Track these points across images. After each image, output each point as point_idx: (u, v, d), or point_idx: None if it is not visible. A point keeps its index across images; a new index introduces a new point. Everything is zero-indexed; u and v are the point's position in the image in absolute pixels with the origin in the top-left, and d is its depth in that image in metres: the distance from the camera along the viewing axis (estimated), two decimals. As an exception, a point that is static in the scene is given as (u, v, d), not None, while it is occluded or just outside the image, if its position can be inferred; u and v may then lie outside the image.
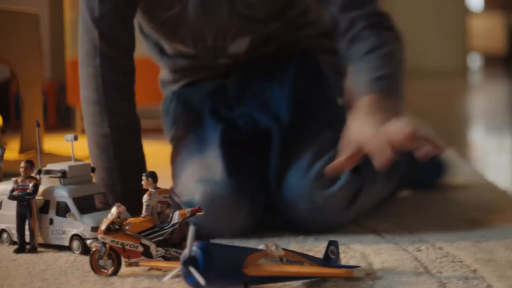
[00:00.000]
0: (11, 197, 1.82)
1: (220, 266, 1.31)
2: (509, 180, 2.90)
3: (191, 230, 1.30)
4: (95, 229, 1.76)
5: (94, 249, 1.61)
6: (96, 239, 1.75)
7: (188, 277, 1.32)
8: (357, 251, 1.71)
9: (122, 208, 1.60)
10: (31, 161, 1.83)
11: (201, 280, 1.27)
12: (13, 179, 1.90)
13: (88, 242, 1.76)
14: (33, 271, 1.66)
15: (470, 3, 11.27)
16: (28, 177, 1.82)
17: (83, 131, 4.37)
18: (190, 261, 1.30)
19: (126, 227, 1.58)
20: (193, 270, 1.29)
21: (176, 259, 1.59)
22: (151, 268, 1.61)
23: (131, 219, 1.59)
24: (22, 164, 1.83)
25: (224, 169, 1.94)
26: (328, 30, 2.15)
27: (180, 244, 1.61)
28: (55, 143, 3.67)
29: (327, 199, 1.85)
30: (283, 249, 1.44)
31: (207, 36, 2.13)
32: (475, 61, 12.55)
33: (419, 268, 1.57)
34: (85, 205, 1.82)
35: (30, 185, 1.81)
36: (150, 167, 1.85)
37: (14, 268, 1.69)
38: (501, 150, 3.74)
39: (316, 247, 1.77)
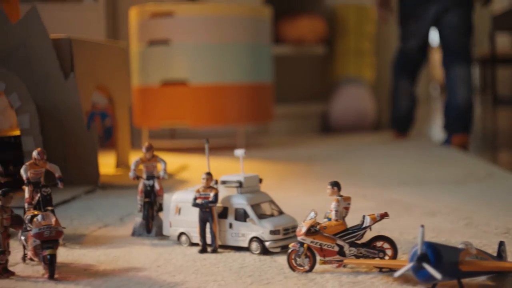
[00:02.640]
0: (195, 205, 1.81)
1: (445, 263, 1.32)
2: None
3: (421, 231, 1.31)
4: (273, 232, 1.76)
5: (291, 249, 1.61)
6: (273, 241, 1.76)
7: (418, 272, 1.32)
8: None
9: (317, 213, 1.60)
10: (211, 173, 1.83)
11: (437, 275, 1.28)
12: (189, 188, 1.90)
13: (267, 244, 1.76)
14: (232, 268, 1.65)
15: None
16: (208, 187, 1.82)
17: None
18: (424, 258, 1.30)
19: (324, 229, 1.58)
20: (428, 266, 1.29)
21: (366, 257, 1.59)
22: (339, 265, 1.60)
23: (327, 223, 1.59)
24: (204, 176, 1.82)
25: None
26: None
27: (369, 245, 1.61)
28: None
29: None
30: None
31: None
32: (435, 89, 12.67)
33: None
34: (259, 211, 1.81)
35: (211, 194, 1.80)
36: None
37: (213, 266, 1.68)
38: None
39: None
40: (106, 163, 3.40)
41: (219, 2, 4.44)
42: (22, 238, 1.69)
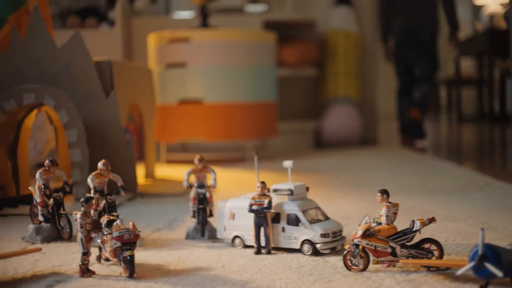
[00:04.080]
0: (251, 211, 1.81)
1: (503, 262, 1.32)
2: None
3: (481, 233, 1.31)
4: (324, 235, 1.76)
5: (347, 250, 1.61)
6: (324, 243, 1.75)
7: (479, 270, 1.32)
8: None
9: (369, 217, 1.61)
10: (264, 182, 1.82)
11: (499, 273, 1.28)
12: (242, 196, 1.90)
13: (318, 246, 1.76)
14: (292, 268, 1.65)
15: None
16: (263, 194, 1.81)
17: (168, 161, 4.36)
18: (485, 258, 1.31)
19: (378, 232, 1.58)
20: (490, 265, 1.30)
21: (415, 257, 1.59)
22: (389, 265, 1.61)
23: (380, 227, 1.60)
24: (258, 185, 1.82)
25: None
26: None
27: (418, 246, 1.61)
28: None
29: None
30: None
31: None
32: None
33: None
34: (308, 217, 1.81)
35: (266, 201, 1.80)
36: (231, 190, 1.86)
37: (272, 265, 1.68)
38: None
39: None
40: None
41: (229, 29, 4.44)
42: (98, 240, 1.67)
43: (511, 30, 5.36)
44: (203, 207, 2.00)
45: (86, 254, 1.59)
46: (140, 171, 3.47)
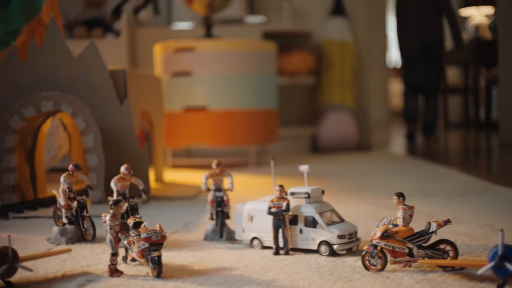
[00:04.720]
0: (270, 213, 1.81)
1: (521, 262, 1.32)
2: None
3: (501, 234, 1.31)
4: (340, 236, 1.76)
5: (366, 251, 1.60)
6: (340, 244, 1.75)
7: (498, 270, 1.32)
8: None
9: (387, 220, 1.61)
10: (283, 186, 1.82)
11: (520, 272, 1.28)
12: (260, 199, 1.89)
13: (335, 247, 1.75)
14: (311, 268, 1.65)
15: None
16: (281, 197, 1.81)
17: (173, 166, 4.35)
18: (505, 258, 1.31)
19: (396, 234, 1.58)
20: (509, 265, 1.30)
21: (431, 257, 1.59)
22: (405, 265, 1.61)
23: (397, 228, 1.59)
24: (277, 188, 1.82)
25: None
26: None
27: (434, 247, 1.61)
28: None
29: None
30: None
31: None
32: (390, 115, 12.80)
33: None
34: (325, 219, 1.81)
35: (284, 203, 1.80)
36: (236, 193, 1.88)
37: (293, 265, 1.67)
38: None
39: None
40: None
41: (232, 39, 4.44)
42: (125, 241, 1.66)
43: (498, 40, 5.40)
44: (221, 210, 2.00)
45: (115, 254, 1.58)
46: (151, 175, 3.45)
